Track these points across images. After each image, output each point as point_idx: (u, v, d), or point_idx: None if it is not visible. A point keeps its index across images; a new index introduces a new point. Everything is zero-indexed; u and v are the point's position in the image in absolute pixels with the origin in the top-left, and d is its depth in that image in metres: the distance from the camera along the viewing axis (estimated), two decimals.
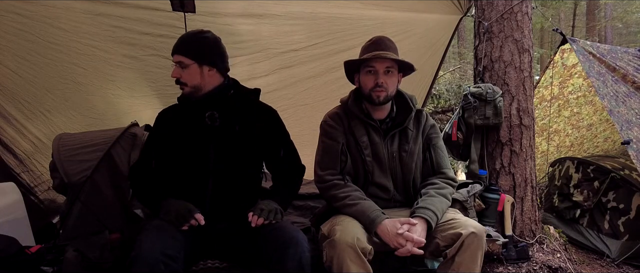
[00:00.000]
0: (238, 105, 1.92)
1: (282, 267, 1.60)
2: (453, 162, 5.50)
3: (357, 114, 1.95)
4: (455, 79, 8.69)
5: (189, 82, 1.84)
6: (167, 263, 1.49)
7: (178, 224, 1.65)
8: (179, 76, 1.84)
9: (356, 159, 1.94)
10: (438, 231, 1.75)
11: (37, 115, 3.06)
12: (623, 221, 3.27)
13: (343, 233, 1.64)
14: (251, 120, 1.92)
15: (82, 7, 2.61)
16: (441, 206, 1.82)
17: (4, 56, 2.74)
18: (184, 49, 1.83)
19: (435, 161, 2.01)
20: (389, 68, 1.89)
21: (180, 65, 1.83)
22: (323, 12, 3.13)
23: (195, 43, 1.85)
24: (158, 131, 1.94)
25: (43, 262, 1.91)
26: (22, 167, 3.06)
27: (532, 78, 2.85)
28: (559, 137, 4.52)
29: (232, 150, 1.86)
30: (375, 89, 1.88)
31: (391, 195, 1.97)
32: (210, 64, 1.86)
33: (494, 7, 2.82)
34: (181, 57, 1.83)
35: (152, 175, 1.89)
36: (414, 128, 2.00)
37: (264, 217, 1.72)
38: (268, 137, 1.96)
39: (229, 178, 1.85)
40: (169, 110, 1.98)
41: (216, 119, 1.87)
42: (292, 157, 2.07)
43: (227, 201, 1.84)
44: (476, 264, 1.67)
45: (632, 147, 2.72)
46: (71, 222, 2.15)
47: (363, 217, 1.76)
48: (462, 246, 1.65)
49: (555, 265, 2.59)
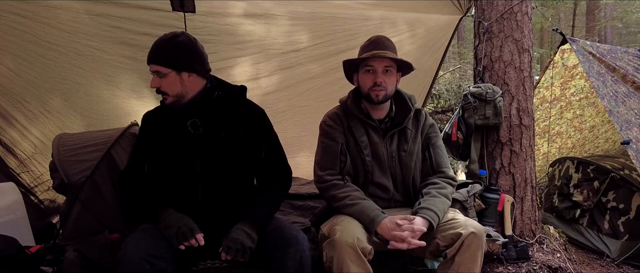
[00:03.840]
0: (223, 108, 1.83)
1: (282, 267, 1.60)
2: (453, 162, 5.50)
3: (356, 113, 1.95)
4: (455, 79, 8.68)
5: (170, 92, 1.74)
6: (152, 263, 1.48)
7: (177, 241, 1.59)
8: (159, 86, 1.73)
9: (356, 159, 1.93)
10: (438, 231, 1.75)
11: (37, 115, 3.06)
12: (623, 221, 3.26)
13: (343, 233, 1.64)
14: (236, 123, 1.83)
15: (81, 7, 2.61)
16: (443, 206, 1.82)
17: (3, 56, 2.74)
18: (159, 57, 1.71)
19: (435, 160, 2.00)
20: (387, 67, 1.89)
21: (158, 75, 1.71)
22: (323, 12, 3.13)
23: (169, 49, 1.71)
24: (144, 135, 1.86)
25: (43, 262, 1.91)
26: (22, 167, 3.07)
27: (532, 78, 2.86)
28: (561, 139, 4.51)
29: (219, 157, 1.79)
30: (374, 88, 1.88)
31: (391, 194, 1.97)
32: (188, 70, 1.73)
33: (494, 7, 2.82)
34: (157, 66, 1.70)
35: (144, 182, 1.80)
36: (413, 127, 2.00)
37: (231, 255, 1.61)
38: (252, 139, 1.85)
39: (218, 186, 1.79)
40: (154, 113, 1.89)
41: (199, 126, 1.79)
42: (276, 160, 1.92)
43: (219, 208, 1.79)
44: (476, 264, 1.67)
45: (632, 147, 2.71)
46: (71, 222, 2.15)
47: (363, 216, 1.76)
48: (462, 246, 1.65)
49: (555, 265, 2.59)
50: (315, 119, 2.11)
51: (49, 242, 2.15)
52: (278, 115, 3.62)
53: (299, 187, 3.25)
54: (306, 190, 3.02)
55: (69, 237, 2.12)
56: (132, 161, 1.88)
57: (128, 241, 1.57)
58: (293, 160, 2.10)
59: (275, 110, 3.57)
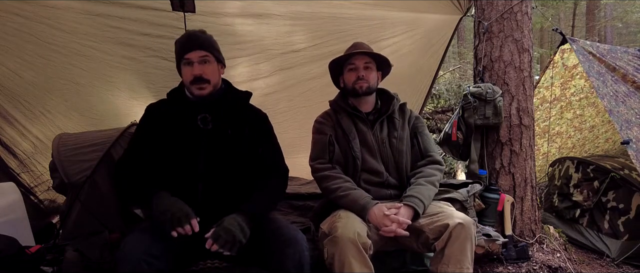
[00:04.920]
0: (231, 107, 1.88)
1: (281, 267, 1.60)
2: (453, 162, 5.50)
3: (344, 107, 2.12)
4: (455, 79, 8.68)
5: (212, 79, 1.79)
6: (150, 262, 1.48)
7: (171, 226, 1.55)
8: (201, 73, 1.77)
9: (345, 148, 2.07)
10: (426, 225, 1.81)
11: (37, 115, 3.06)
12: (623, 221, 3.27)
13: (344, 229, 1.69)
14: (242, 124, 1.87)
15: (81, 7, 2.61)
16: (428, 193, 1.94)
17: (3, 57, 2.74)
18: (206, 44, 1.79)
19: (423, 146, 2.14)
20: (367, 63, 2.09)
21: (203, 61, 1.78)
22: (323, 12, 3.13)
23: (212, 40, 1.84)
24: (147, 124, 1.85)
25: (43, 262, 1.91)
26: (22, 167, 3.07)
27: (532, 78, 2.86)
28: (561, 139, 4.51)
29: (224, 154, 1.80)
30: (357, 81, 2.07)
31: (385, 178, 2.07)
32: (223, 63, 1.87)
33: (494, 7, 2.82)
34: (204, 52, 1.78)
35: (140, 170, 1.77)
36: (400, 118, 2.16)
37: (219, 245, 1.55)
38: (254, 137, 1.89)
39: (219, 183, 1.79)
40: (158, 105, 1.90)
41: (209, 122, 1.81)
42: (273, 157, 1.94)
43: (219, 204, 1.77)
44: (466, 256, 1.70)
45: (632, 147, 2.71)
46: (71, 222, 2.15)
47: (355, 205, 1.88)
48: (450, 238, 1.71)
49: (555, 265, 2.59)
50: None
51: (49, 242, 2.15)
52: (278, 116, 3.62)
53: (298, 187, 3.25)
54: (306, 190, 3.02)
55: (69, 237, 2.12)
56: (128, 152, 1.87)
57: (126, 241, 1.57)
58: (292, 161, 2.11)
59: (275, 111, 3.57)
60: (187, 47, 1.79)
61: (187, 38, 1.83)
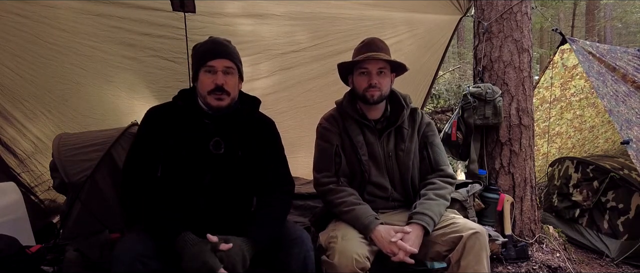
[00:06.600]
0: (241, 122, 1.77)
1: (286, 267, 1.59)
2: (453, 162, 5.51)
3: (351, 114, 1.96)
4: (455, 79, 8.70)
5: (232, 92, 1.68)
6: (145, 263, 1.46)
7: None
8: (223, 83, 1.65)
9: (352, 159, 1.94)
10: (438, 236, 1.74)
11: (37, 115, 3.06)
12: (622, 221, 3.27)
13: (341, 255, 1.61)
14: (250, 138, 1.78)
15: (81, 7, 2.61)
16: (439, 209, 1.81)
17: (3, 56, 2.74)
18: (233, 55, 1.69)
19: (433, 159, 1.99)
20: (381, 69, 1.90)
21: (227, 72, 1.67)
22: (323, 12, 3.13)
23: (237, 52, 1.72)
24: (153, 133, 1.70)
25: (43, 261, 1.92)
26: (22, 166, 3.07)
27: (531, 78, 2.86)
28: (561, 139, 4.51)
29: (231, 175, 1.73)
30: (369, 89, 1.89)
31: (389, 193, 1.96)
32: (242, 77, 1.76)
33: (494, 7, 2.82)
34: (230, 62, 1.67)
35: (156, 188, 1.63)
36: (409, 126, 2.00)
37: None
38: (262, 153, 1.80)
39: (222, 197, 1.72)
40: (161, 110, 1.75)
41: (221, 147, 1.71)
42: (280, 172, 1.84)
43: (221, 218, 1.72)
44: (482, 265, 1.64)
45: (632, 147, 2.72)
46: (71, 222, 2.16)
47: (357, 223, 1.76)
48: (464, 249, 1.64)
49: (555, 265, 2.60)
50: (316, 119, 2.11)
51: (50, 241, 2.16)
52: (278, 116, 3.60)
53: (299, 186, 3.24)
54: (306, 190, 3.02)
55: (69, 236, 2.13)
56: (139, 158, 1.69)
57: (122, 241, 1.55)
58: (293, 160, 2.10)
59: (275, 111, 3.57)
60: (212, 54, 1.67)
61: (213, 44, 1.71)
